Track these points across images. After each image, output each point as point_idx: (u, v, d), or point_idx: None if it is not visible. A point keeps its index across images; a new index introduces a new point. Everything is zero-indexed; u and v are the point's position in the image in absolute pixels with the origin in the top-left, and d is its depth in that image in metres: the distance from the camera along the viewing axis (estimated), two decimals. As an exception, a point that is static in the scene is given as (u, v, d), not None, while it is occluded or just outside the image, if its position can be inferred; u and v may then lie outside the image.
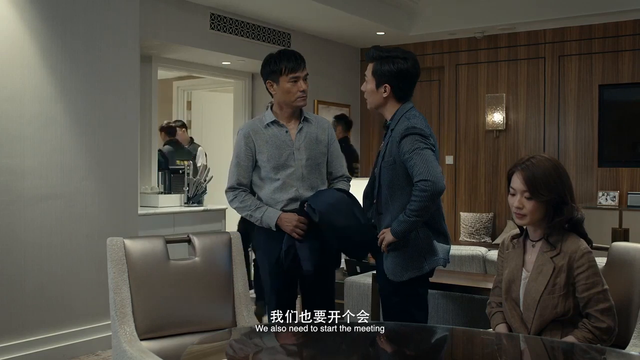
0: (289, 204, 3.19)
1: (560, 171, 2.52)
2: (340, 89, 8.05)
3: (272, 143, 3.20)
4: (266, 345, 2.51)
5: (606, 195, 6.86)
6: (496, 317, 2.67)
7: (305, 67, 3.23)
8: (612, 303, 2.43)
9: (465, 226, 7.64)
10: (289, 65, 3.19)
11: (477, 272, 4.01)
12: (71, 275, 4.48)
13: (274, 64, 3.22)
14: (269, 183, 3.21)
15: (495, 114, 7.56)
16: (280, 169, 3.18)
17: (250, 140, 3.22)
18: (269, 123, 3.23)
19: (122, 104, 4.81)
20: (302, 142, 3.22)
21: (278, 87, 3.20)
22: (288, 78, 3.18)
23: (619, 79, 6.93)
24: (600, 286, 2.43)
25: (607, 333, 2.42)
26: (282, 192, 3.19)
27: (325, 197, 3.11)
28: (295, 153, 3.20)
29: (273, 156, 3.18)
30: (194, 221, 5.96)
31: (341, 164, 3.41)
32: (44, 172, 4.34)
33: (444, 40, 7.87)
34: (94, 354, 4.54)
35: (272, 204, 3.20)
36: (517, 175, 2.54)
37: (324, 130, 3.32)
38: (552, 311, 2.45)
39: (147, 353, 2.53)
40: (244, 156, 3.23)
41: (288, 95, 3.21)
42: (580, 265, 2.44)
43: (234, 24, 6.44)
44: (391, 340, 2.53)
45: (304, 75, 3.22)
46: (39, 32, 4.28)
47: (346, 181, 3.43)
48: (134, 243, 2.82)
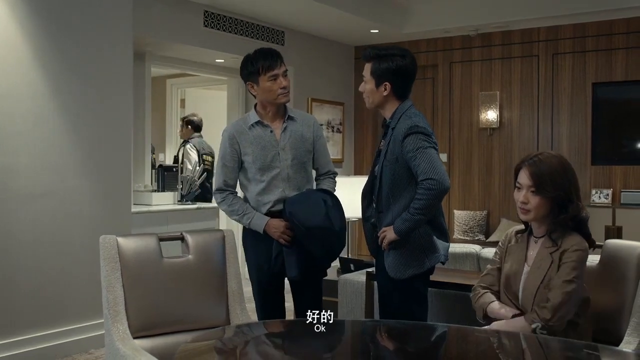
0: (275, 205, 3.20)
1: (567, 169, 2.55)
2: (334, 87, 8.03)
3: (257, 144, 3.19)
4: (263, 343, 2.50)
5: (599, 193, 6.87)
6: (486, 296, 2.68)
7: (282, 63, 3.21)
8: (571, 290, 2.43)
9: (459, 224, 7.65)
10: (265, 64, 3.17)
11: (471, 269, 4.01)
12: (64, 273, 4.46)
13: (250, 65, 3.21)
14: (255, 184, 3.22)
15: (489, 112, 7.57)
16: (265, 170, 3.18)
17: (235, 141, 3.21)
18: (253, 124, 3.22)
19: (115, 102, 4.80)
20: (287, 142, 3.21)
21: (259, 88, 3.20)
22: (267, 77, 3.17)
23: (613, 77, 6.94)
24: (571, 276, 2.44)
25: (553, 310, 2.42)
26: (267, 194, 3.20)
27: (298, 197, 3.15)
28: (280, 153, 3.19)
29: (258, 157, 3.18)
30: (187, 219, 5.94)
31: (327, 160, 3.42)
32: (37, 170, 4.32)
33: (438, 38, 7.87)
34: (87, 353, 4.53)
35: (258, 205, 3.22)
36: (524, 171, 2.56)
37: (309, 126, 3.31)
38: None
39: (140, 351, 2.52)
40: (229, 158, 3.23)
41: (270, 94, 3.19)
42: (567, 259, 2.47)
43: (227, 21, 6.42)
44: (389, 338, 2.53)
45: (283, 71, 3.19)
46: (32, 29, 4.26)
47: (332, 178, 3.45)
48: (127, 241, 2.81)
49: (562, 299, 2.42)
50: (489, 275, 2.74)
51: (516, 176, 2.61)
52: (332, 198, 3.22)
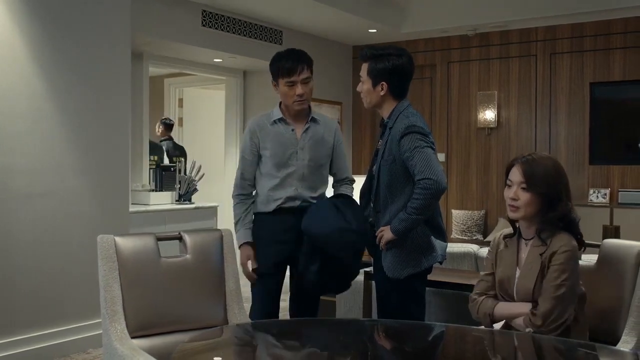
0: (286, 202, 3.19)
1: (559, 170, 2.55)
2: (332, 86, 8.03)
3: (277, 140, 3.20)
4: (261, 343, 2.50)
5: (597, 193, 6.88)
6: (485, 301, 2.64)
7: (304, 69, 3.16)
8: (560, 295, 2.41)
9: (457, 224, 7.66)
10: (285, 68, 3.14)
11: (468, 269, 4.01)
12: (62, 273, 4.46)
13: (274, 65, 3.20)
14: (269, 179, 3.22)
15: (487, 112, 7.57)
16: (281, 167, 3.19)
17: (255, 135, 3.23)
18: (275, 120, 3.23)
19: (113, 101, 4.79)
20: (307, 142, 3.22)
21: (279, 89, 3.20)
22: (284, 81, 3.16)
23: (610, 77, 6.95)
24: (560, 280, 2.42)
25: (542, 317, 2.41)
26: (280, 190, 3.20)
27: (309, 212, 3.11)
28: (298, 152, 3.19)
29: (276, 153, 3.19)
30: (185, 219, 5.94)
31: (345, 167, 3.44)
32: (35, 170, 4.31)
33: (436, 38, 7.87)
34: (85, 352, 4.52)
35: (269, 200, 3.21)
36: (516, 168, 2.56)
37: (331, 131, 3.32)
38: None
39: (138, 351, 2.51)
40: (248, 151, 3.25)
41: (286, 98, 3.20)
42: (555, 260, 2.45)
43: (225, 21, 6.42)
44: (387, 337, 2.53)
45: (303, 78, 3.15)
46: (29, 28, 4.25)
47: (349, 184, 3.45)
48: (124, 240, 2.80)
49: (551, 305, 2.41)
50: (483, 282, 2.71)
51: (507, 174, 2.60)
52: (345, 199, 3.21)
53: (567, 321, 2.45)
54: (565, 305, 2.43)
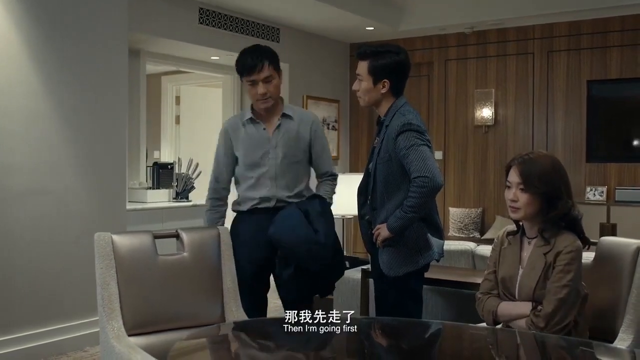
0: (261, 202, 3.19)
1: (557, 167, 2.54)
2: (330, 84, 8.03)
3: (248, 141, 3.17)
4: (258, 340, 2.50)
5: (594, 191, 6.89)
6: (489, 300, 2.63)
7: (265, 67, 3.07)
8: (564, 296, 2.41)
9: (454, 221, 7.66)
10: (245, 66, 3.10)
11: (466, 267, 4.02)
12: (59, 271, 4.45)
13: (237, 63, 3.16)
14: (245, 180, 3.22)
15: (484, 110, 7.57)
16: (254, 167, 3.17)
17: (228, 137, 3.21)
18: (246, 120, 3.20)
19: (110, 99, 4.78)
20: (280, 140, 3.17)
21: (245, 87, 3.19)
22: (245, 80, 3.13)
23: (608, 75, 6.95)
24: (565, 280, 2.42)
25: (546, 319, 2.41)
26: (254, 190, 3.18)
27: (279, 216, 3.09)
28: (271, 151, 3.15)
29: (248, 154, 3.17)
30: (182, 216, 5.94)
31: (325, 162, 3.34)
32: (32, 168, 4.30)
33: (433, 36, 7.87)
34: (82, 350, 4.52)
35: (244, 201, 3.22)
36: (514, 169, 2.56)
37: (307, 125, 3.24)
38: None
39: (135, 349, 2.51)
40: (222, 153, 3.24)
41: (250, 97, 3.18)
42: (560, 261, 2.45)
43: (222, 18, 6.41)
44: (384, 335, 2.53)
45: (263, 77, 3.08)
46: (26, 26, 4.24)
47: (330, 180, 3.39)
48: (121, 238, 2.80)
49: (554, 306, 2.41)
50: (487, 281, 2.70)
51: (507, 175, 2.61)
52: (320, 204, 3.16)
53: (570, 324, 2.45)
54: (569, 307, 2.43)
